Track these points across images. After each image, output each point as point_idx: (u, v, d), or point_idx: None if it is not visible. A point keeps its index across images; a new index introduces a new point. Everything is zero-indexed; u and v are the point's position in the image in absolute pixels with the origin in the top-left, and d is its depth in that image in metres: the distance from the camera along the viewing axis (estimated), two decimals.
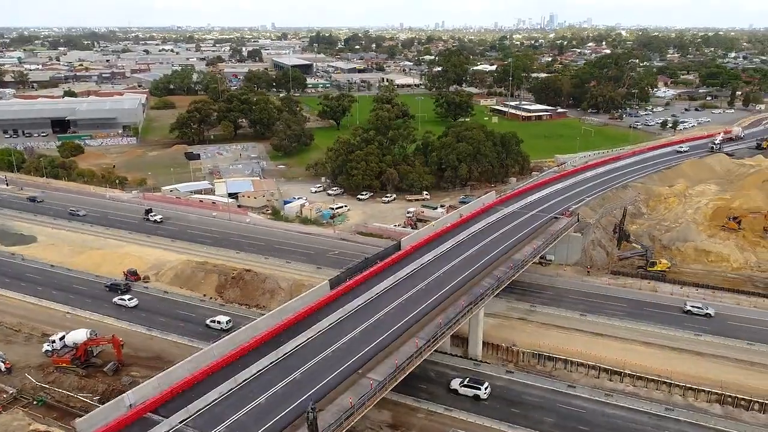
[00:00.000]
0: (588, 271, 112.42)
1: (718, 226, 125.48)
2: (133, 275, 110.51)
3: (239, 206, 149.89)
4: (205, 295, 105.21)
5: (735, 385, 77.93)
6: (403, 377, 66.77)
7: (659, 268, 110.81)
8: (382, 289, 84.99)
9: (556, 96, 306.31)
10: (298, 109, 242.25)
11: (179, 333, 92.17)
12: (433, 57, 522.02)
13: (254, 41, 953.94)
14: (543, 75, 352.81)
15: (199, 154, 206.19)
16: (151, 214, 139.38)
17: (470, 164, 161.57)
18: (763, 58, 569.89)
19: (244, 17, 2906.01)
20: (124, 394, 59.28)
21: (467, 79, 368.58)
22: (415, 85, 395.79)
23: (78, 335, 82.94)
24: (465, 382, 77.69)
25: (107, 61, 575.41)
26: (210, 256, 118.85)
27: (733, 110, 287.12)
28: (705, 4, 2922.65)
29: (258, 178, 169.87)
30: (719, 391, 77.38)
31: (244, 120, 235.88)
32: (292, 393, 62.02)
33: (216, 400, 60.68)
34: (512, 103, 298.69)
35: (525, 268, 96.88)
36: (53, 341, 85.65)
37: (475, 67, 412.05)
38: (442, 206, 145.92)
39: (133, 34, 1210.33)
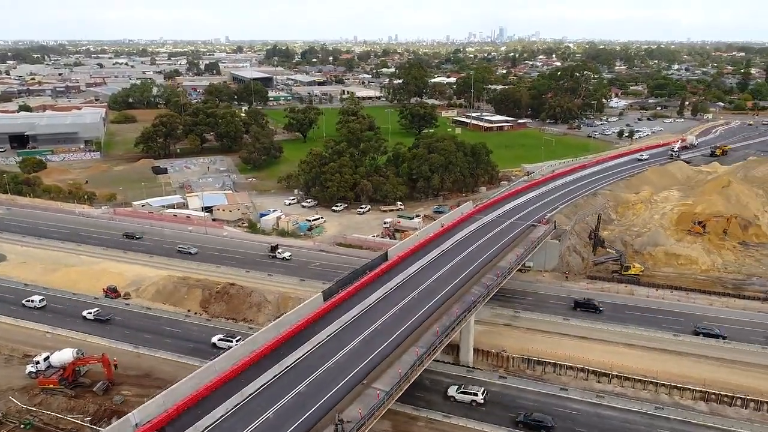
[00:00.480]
0: (566, 277, 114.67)
1: (685, 231, 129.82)
2: (113, 292, 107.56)
3: (214, 220, 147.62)
4: (189, 311, 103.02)
5: (717, 383, 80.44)
6: (407, 386, 66.71)
7: (633, 272, 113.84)
8: (374, 299, 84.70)
9: (515, 107, 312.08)
10: (264, 122, 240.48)
11: (167, 349, 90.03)
12: (392, 69, 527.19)
13: (210, 54, 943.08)
14: (500, 87, 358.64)
15: (166, 168, 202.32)
16: (279, 251, 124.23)
17: (442, 174, 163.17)
18: (704, 69, 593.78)
19: (197, 30, 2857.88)
20: (129, 414, 57.46)
21: (427, 91, 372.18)
22: (377, 97, 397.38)
23: (64, 355, 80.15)
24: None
25: (60, 74, 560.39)
26: (190, 271, 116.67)
27: (683, 119, 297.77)
28: (645, 18, 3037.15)
29: (231, 192, 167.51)
30: (703, 389, 79.78)
31: (210, 133, 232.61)
32: (300, 405, 61.18)
33: (224, 416, 59.38)
34: (474, 114, 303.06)
35: (511, 275, 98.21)
36: (37, 362, 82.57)
37: (433, 80, 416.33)
38: (418, 216, 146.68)
39: (84, 48, 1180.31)
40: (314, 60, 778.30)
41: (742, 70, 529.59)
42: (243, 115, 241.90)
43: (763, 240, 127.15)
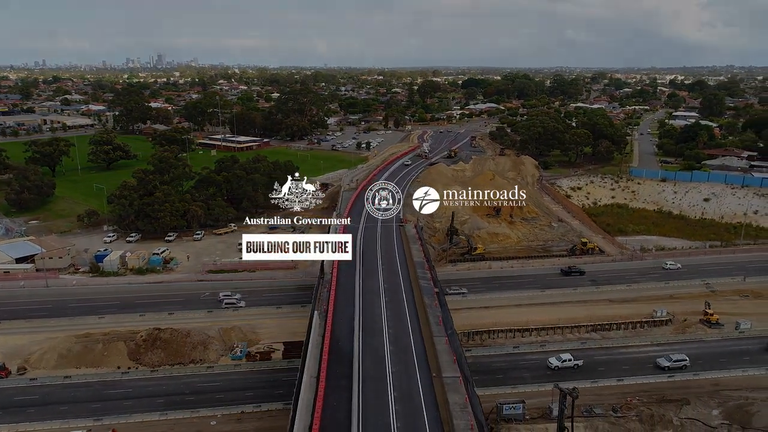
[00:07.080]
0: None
1: (484, 215, 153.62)
2: (1, 370, 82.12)
3: (37, 270, 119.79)
4: (119, 367, 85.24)
5: (596, 317, 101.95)
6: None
7: (479, 252, 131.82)
8: (358, 310, 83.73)
9: (251, 128, 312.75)
10: (3, 158, 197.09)
11: (141, 411, 74.65)
12: (77, 97, 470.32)
13: None
14: (230, 111, 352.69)
15: None
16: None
17: (265, 193, 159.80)
18: (365, 90, 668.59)
19: None
20: None
21: (151, 116, 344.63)
22: (90, 125, 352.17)
23: None
24: None
25: None
26: (72, 328, 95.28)
27: (391, 131, 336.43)
28: (286, 47, 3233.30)
29: (33, 237, 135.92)
30: (590, 323, 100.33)
31: None
32: (413, 407, 60.53)
33: None
34: (218, 137, 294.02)
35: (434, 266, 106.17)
36: None
37: (154, 105, 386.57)
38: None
39: None
40: None
41: (392, 90, 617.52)
42: None
43: (533, 215, 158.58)
